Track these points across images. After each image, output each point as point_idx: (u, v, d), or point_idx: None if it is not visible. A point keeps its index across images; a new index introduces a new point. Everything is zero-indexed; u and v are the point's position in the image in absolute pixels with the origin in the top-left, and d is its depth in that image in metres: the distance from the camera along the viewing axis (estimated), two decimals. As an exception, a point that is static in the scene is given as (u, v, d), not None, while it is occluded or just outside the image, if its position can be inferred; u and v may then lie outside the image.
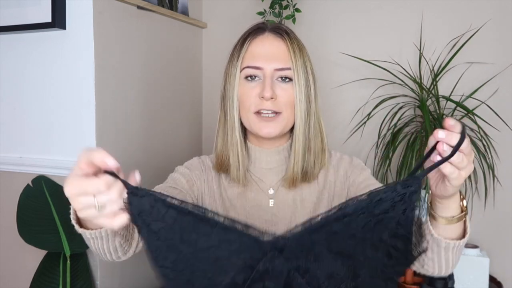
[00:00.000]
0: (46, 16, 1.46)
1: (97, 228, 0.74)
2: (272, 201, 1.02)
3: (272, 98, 0.94)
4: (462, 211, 0.74)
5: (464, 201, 0.74)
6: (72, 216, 0.74)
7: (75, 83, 1.49)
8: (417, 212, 0.62)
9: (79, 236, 0.77)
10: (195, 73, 2.09)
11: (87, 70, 1.47)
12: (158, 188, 0.94)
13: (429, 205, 0.76)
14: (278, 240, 0.59)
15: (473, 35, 1.70)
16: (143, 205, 0.57)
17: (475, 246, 1.63)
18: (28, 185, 1.51)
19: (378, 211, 0.59)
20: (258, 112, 0.96)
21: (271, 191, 1.02)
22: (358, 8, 1.89)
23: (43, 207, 1.47)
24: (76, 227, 0.75)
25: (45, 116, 1.54)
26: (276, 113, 0.96)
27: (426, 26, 1.77)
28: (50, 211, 1.45)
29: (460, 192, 0.73)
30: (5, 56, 1.59)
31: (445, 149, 0.60)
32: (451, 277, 1.53)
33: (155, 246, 0.59)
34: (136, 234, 0.84)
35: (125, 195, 0.57)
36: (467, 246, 1.64)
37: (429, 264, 0.82)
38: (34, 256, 1.50)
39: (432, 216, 0.75)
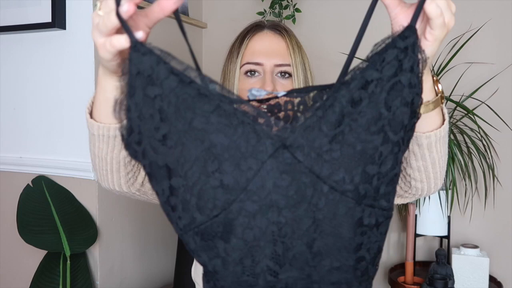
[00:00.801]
0: (46, 16, 1.46)
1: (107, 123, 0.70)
2: None
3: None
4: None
5: (440, 85, 0.68)
6: (87, 107, 0.74)
7: (75, 83, 1.49)
8: (421, 66, 0.55)
9: (79, 236, 0.76)
10: (195, 73, 2.09)
11: (87, 70, 1.47)
12: None
13: None
14: (285, 133, 0.52)
15: (473, 35, 1.70)
16: (143, 65, 0.51)
17: (475, 246, 1.63)
18: (28, 185, 1.51)
19: (386, 76, 0.53)
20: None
21: None
22: (358, 8, 1.88)
23: (43, 207, 1.47)
24: (87, 117, 0.73)
25: (45, 116, 1.54)
26: None
27: (426, 26, 1.77)
28: (50, 211, 1.45)
29: (434, 77, 0.68)
30: (5, 56, 1.59)
31: None
32: (451, 277, 1.53)
33: (148, 114, 0.52)
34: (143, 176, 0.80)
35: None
36: (467, 246, 1.63)
37: (416, 177, 0.75)
38: (34, 256, 1.50)
39: None
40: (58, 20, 1.46)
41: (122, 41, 0.53)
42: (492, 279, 1.66)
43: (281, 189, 0.53)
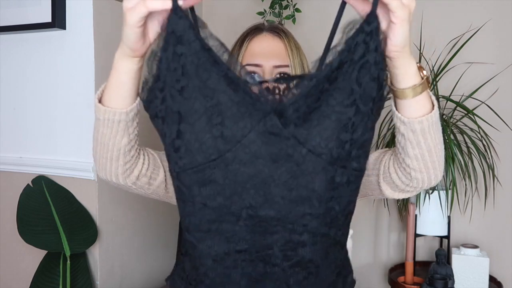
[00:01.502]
0: (46, 16, 1.46)
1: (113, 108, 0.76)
2: None
3: None
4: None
5: (424, 71, 0.73)
6: (97, 93, 0.78)
7: (75, 83, 1.49)
8: (383, 45, 0.65)
9: (79, 236, 0.77)
10: (195, 73, 2.09)
11: (87, 70, 1.47)
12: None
13: (390, 86, 0.73)
14: (278, 105, 0.64)
15: (473, 35, 1.70)
16: (178, 26, 0.62)
17: (475, 246, 1.63)
18: (28, 185, 1.51)
19: (357, 57, 0.63)
20: None
21: None
22: (358, 8, 1.89)
23: (43, 207, 1.47)
24: (96, 102, 0.78)
25: (45, 116, 1.54)
26: None
27: (426, 26, 1.76)
28: (50, 211, 1.45)
29: (418, 63, 0.73)
30: (5, 56, 1.59)
31: None
32: (451, 277, 1.53)
33: (173, 67, 0.64)
34: (141, 158, 0.86)
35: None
36: (467, 246, 1.64)
37: (415, 166, 0.78)
38: (34, 256, 1.50)
39: (396, 97, 0.73)
40: (58, 20, 1.46)
41: (158, 4, 0.62)
42: (492, 279, 1.66)
43: (268, 146, 0.65)
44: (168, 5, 0.62)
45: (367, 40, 0.63)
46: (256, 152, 0.66)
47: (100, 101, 0.79)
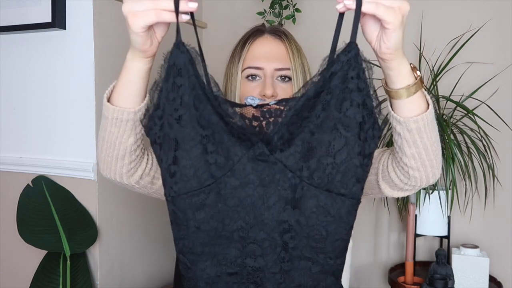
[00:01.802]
0: (46, 16, 1.46)
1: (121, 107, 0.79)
2: None
3: (273, 96, 0.98)
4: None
5: (418, 72, 0.75)
6: (106, 93, 0.81)
7: (75, 83, 1.49)
8: (367, 73, 0.69)
9: (79, 236, 0.78)
10: (195, 73, 2.09)
11: (87, 70, 1.47)
12: None
13: (385, 87, 0.76)
14: (264, 135, 0.71)
15: (473, 35, 1.70)
16: (179, 59, 0.68)
17: (475, 246, 1.63)
18: (28, 185, 1.51)
19: (334, 85, 0.68)
20: None
21: None
22: (358, 8, 1.89)
23: (43, 207, 1.47)
24: (104, 101, 0.80)
25: (45, 116, 1.54)
26: None
27: (426, 26, 1.77)
28: (50, 211, 1.45)
29: (411, 64, 0.75)
30: (5, 56, 1.59)
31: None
32: (451, 277, 1.53)
33: (172, 97, 0.69)
34: (145, 157, 0.87)
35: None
36: (467, 246, 1.64)
37: (412, 165, 0.79)
38: (34, 256, 1.50)
39: (391, 97, 0.75)
40: (58, 20, 1.46)
41: (168, 16, 0.68)
42: (492, 279, 1.66)
43: (258, 172, 0.70)
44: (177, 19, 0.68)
45: (345, 69, 0.67)
46: (246, 177, 0.71)
47: (108, 100, 0.81)
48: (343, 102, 0.67)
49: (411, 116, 0.75)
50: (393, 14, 0.66)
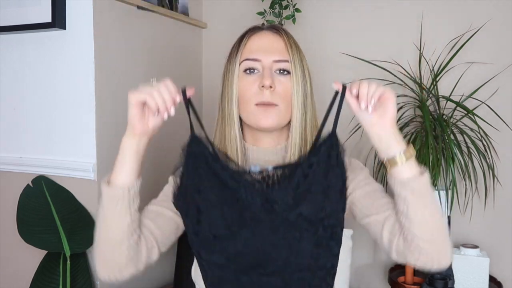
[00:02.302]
0: (46, 16, 1.46)
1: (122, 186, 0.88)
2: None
3: (271, 87, 0.96)
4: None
5: (412, 148, 0.88)
6: (105, 180, 0.89)
7: (75, 83, 1.49)
8: (344, 157, 0.89)
9: (79, 236, 0.79)
10: (195, 73, 2.09)
11: (87, 70, 1.47)
12: (153, 203, 1.01)
13: (380, 159, 0.91)
14: (267, 194, 0.85)
15: (473, 35, 1.70)
16: (196, 148, 0.87)
17: (475, 246, 1.63)
18: (28, 185, 1.51)
19: (321, 160, 0.86)
20: (258, 104, 0.97)
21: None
22: (358, 8, 1.89)
23: (43, 207, 1.47)
24: (101, 184, 0.88)
25: (45, 116, 1.54)
26: (272, 105, 0.97)
27: (426, 26, 1.77)
28: (50, 211, 1.45)
29: (408, 142, 0.85)
30: (5, 56, 1.59)
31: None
32: (451, 277, 1.53)
33: (192, 176, 0.87)
34: (143, 243, 0.94)
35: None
36: (467, 246, 1.64)
37: (421, 234, 0.84)
38: (34, 256, 1.50)
39: (387, 166, 0.88)
40: (58, 20, 1.46)
41: (176, 98, 0.85)
42: (492, 279, 1.66)
43: (265, 223, 0.86)
44: (165, 112, 0.84)
45: (329, 150, 0.87)
46: (256, 228, 0.86)
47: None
48: (328, 172, 0.86)
49: (409, 177, 0.85)
50: (366, 88, 0.87)
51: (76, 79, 1.49)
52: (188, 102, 0.88)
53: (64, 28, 1.48)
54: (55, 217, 1.44)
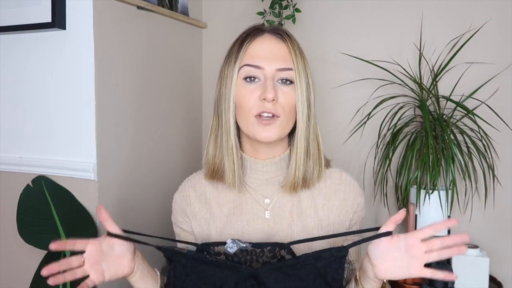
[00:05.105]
0: (46, 16, 1.46)
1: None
2: (268, 212, 1.00)
3: (273, 100, 0.91)
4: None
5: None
6: None
7: (75, 83, 1.49)
8: (345, 273, 0.90)
9: (79, 236, 0.82)
10: (195, 73, 2.09)
11: (87, 70, 1.47)
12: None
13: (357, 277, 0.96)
14: (252, 271, 0.89)
15: (473, 35, 1.70)
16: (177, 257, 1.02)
17: (475, 246, 1.63)
18: (28, 185, 1.51)
19: (319, 265, 0.88)
20: (259, 115, 0.92)
21: (267, 201, 1.00)
22: (358, 8, 1.89)
23: (43, 207, 1.47)
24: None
25: (45, 116, 1.54)
26: (274, 116, 0.92)
27: (426, 26, 1.77)
28: (50, 211, 1.45)
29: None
30: (5, 56, 1.59)
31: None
32: (451, 277, 1.53)
33: (179, 273, 0.99)
34: None
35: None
36: (467, 246, 1.63)
37: None
38: (34, 256, 1.50)
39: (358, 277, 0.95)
40: (58, 20, 1.46)
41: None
42: (492, 279, 1.66)
43: None
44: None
45: (331, 260, 0.89)
46: None
47: None
48: (321, 282, 0.89)
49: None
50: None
51: (76, 79, 1.49)
52: (116, 236, 1.01)
53: (64, 28, 1.48)
54: (55, 217, 1.44)
